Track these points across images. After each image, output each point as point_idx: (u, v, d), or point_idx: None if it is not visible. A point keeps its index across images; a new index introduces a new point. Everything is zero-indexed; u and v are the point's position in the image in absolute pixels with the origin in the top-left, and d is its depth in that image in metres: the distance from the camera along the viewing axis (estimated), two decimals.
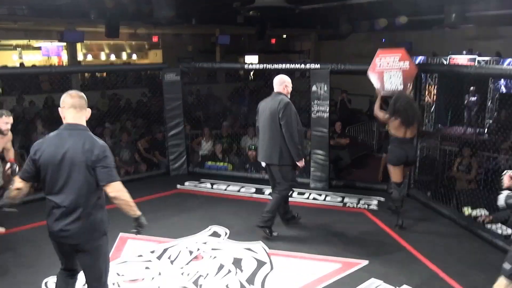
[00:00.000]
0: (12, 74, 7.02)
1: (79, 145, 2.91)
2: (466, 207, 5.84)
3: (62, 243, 3.03)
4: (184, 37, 18.36)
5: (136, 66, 14.60)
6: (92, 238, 3.01)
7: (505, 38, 14.14)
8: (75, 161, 2.89)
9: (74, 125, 3.01)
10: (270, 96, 5.22)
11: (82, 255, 3.04)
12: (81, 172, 2.90)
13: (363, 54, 17.49)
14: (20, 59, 17.14)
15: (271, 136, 5.03)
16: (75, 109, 3.02)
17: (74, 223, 2.93)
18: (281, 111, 4.91)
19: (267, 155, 5.11)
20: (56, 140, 2.96)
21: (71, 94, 3.05)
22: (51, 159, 2.91)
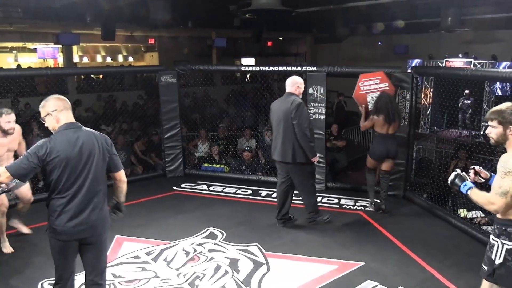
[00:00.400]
0: (8, 76, 6.98)
1: (91, 138, 3.09)
2: (462, 209, 5.85)
3: (71, 240, 3.05)
4: (181, 40, 18.37)
5: (132, 68, 14.55)
6: (104, 230, 3.17)
7: (501, 42, 14.24)
8: (93, 153, 3.07)
9: (74, 124, 3.14)
10: (282, 97, 5.41)
11: (89, 248, 3.12)
12: (99, 163, 3.10)
13: (359, 57, 17.62)
14: (16, 61, 17.10)
15: (284, 135, 5.22)
16: (67, 110, 3.15)
17: (91, 215, 3.06)
18: (293, 111, 5.10)
19: (282, 154, 5.29)
20: (66, 138, 3.03)
21: (59, 97, 3.19)
22: (69, 156, 2.98)
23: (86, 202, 3.04)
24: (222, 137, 8.95)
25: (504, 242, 2.83)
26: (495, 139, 2.93)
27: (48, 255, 4.64)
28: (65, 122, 3.10)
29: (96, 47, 19.58)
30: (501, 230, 2.86)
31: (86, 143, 3.05)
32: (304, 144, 5.13)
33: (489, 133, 2.96)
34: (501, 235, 2.85)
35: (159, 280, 4.23)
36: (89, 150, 3.05)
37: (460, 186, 3.02)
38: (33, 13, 10.87)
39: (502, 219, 2.87)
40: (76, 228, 3.02)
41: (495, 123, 2.89)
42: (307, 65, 10.91)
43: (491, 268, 2.92)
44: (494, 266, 2.89)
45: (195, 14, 12.81)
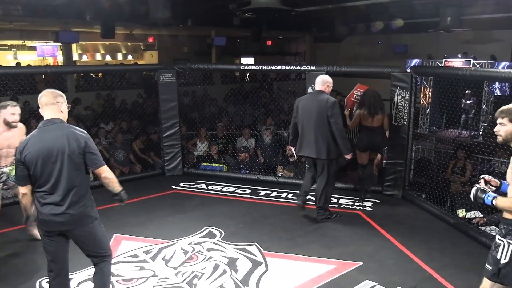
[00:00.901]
0: (7, 74, 6.97)
1: (63, 136, 3.11)
2: (460, 209, 5.86)
3: (53, 231, 3.20)
4: (180, 38, 18.34)
5: (131, 66, 14.54)
6: (85, 223, 3.22)
7: (500, 42, 14.25)
8: (62, 151, 3.08)
9: (50, 120, 3.19)
10: (310, 94, 5.69)
11: (76, 238, 3.26)
12: (70, 161, 3.11)
13: (358, 57, 17.63)
14: (15, 59, 17.07)
15: (318, 132, 5.36)
16: (51, 106, 3.21)
17: (67, 211, 3.13)
18: (329, 109, 5.28)
19: (316, 151, 5.43)
20: (39, 136, 3.14)
21: (43, 93, 3.26)
22: (40, 153, 3.08)
23: (63, 197, 3.12)
24: (221, 136, 8.94)
25: (511, 242, 2.84)
26: (504, 137, 2.96)
27: None
28: (45, 119, 3.20)
29: (95, 45, 19.55)
30: (508, 229, 2.87)
31: (56, 141, 3.09)
32: (341, 141, 5.35)
33: (497, 131, 2.99)
34: (508, 234, 2.86)
35: (157, 279, 4.23)
36: (58, 149, 3.08)
37: (484, 198, 2.98)
38: (33, 11, 10.85)
39: (509, 219, 2.88)
40: (56, 220, 3.14)
41: (505, 120, 2.93)
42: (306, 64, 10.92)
43: (496, 267, 2.91)
44: (500, 265, 2.89)
45: (194, 12, 12.80)
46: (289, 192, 6.84)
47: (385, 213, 6.06)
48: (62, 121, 3.23)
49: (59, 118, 3.22)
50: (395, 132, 6.53)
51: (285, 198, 6.63)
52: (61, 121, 3.22)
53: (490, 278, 2.98)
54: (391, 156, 6.63)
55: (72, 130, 3.19)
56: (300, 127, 5.54)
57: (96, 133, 8.49)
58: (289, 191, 6.88)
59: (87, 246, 3.31)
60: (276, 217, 5.86)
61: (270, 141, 8.70)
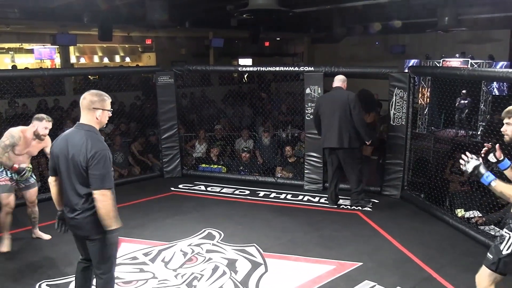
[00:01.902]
0: (4, 77, 6.96)
1: (82, 145, 3.04)
2: (459, 209, 5.86)
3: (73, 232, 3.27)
4: (178, 40, 18.35)
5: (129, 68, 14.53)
6: (93, 232, 3.13)
7: (498, 42, 14.29)
8: (75, 158, 3.05)
9: (81, 125, 3.16)
10: (332, 92, 6.18)
11: (86, 242, 3.22)
12: (75, 170, 3.07)
13: (356, 57, 17.65)
14: (13, 62, 17.06)
15: (341, 124, 5.89)
16: (84, 110, 3.17)
17: (78, 216, 3.12)
18: (352, 103, 5.87)
19: (339, 141, 5.91)
20: (66, 137, 3.16)
21: (85, 95, 3.19)
22: (60, 153, 3.13)
23: (70, 201, 3.14)
24: (219, 138, 8.94)
25: None
26: (511, 136, 3.10)
27: (46, 255, 4.66)
28: (80, 121, 3.20)
29: (93, 48, 19.53)
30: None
31: (73, 150, 3.06)
32: (362, 129, 5.91)
33: (504, 131, 3.12)
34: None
35: (157, 281, 4.22)
36: (72, 157, 3.05)
37: (484, 176, 2.96)
38: (30, 13, 10.83)
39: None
40: (70, 223, 3.22)
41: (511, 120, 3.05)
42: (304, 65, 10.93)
43: (497, 257, 3.03)
44: (501, 255, 3.01)
45: (192, 14, 12.80)
46: (288, 193, 6.85)
47: (384, 213, 6.06)
48: (92, 129, 3.13)
49: (89, 124, 3.14)
50: (393, 132, 6.54)
51: (284, 199, 6.64)
52: (91, 128, 3.12)
53: (489, 267, 3.09)
54: (390, 156, 6.64)
55: (93, 140, 3.06)
56: (325, 121, 6.03)
57: None
58: (288, 192, 6.89)
59: (93, 256, 3.22)
60: (275, 218, 5.87)
61: (269, 142, 8.71)
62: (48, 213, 5.58)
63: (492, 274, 3.09)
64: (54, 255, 4.71)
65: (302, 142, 7.90)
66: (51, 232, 5.12)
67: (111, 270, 3.29)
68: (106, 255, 3.21)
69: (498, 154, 3.20)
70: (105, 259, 3.22)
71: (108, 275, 3.26)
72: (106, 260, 3.23)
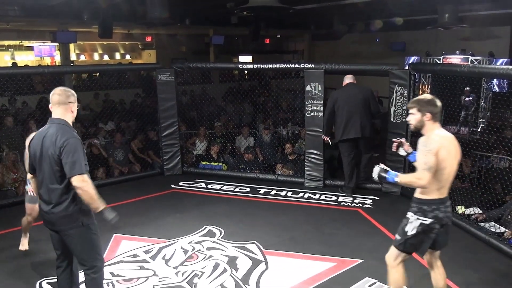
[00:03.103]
0: (4, 74, 6.95)
1: (53, 137, 3.11)
2: (460, 206, 5.86)
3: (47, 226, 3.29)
4: (178, 37, 18.30)
5: (129, 66, 14.50)
6: (69, 226, 3.17)
7: (498, 39, 14.25)
8: (48, 153, 3.11)
9: (53, 119, 3.22)
10: (347, 87, 6.62)
11: (64, 237, 3.24)
12: (50, 163, 3.11)
13: (357, 54, 17.61)
14: (13, 59, 17.03)
15: (362, 115, 6.39)
16: (59, 105, 3.22)
17: (51, 210, 3.16)
18: (371, 95, 6.58)
19: (361, 130, 6.41)
20: (40, 134, 3.22)
21: (56, 91, 3.27)
22: (35, 150, 3.20)
23: (47, 196, 3.18)
24: (220, 135, 8.94)
25: (419, 217, 3.26)
26: (414, 124, 3.31)
27: (46, 254, 4.66)
28: (52, 116, 3.23)
29: (93, 45, 19.49)
30: (419, 207, 3.28)
31: (45, 145, 3.12)
32: (379, 120, 6.94)
33: (409, 120, 3.35)
34: (418, 212, 3.28)
35: (158, 278, 4.23)
36: (45, 152, 3.12)
37: (387, 177, 3.34)
38: (30, 11, 10.81)
39: (420, 199, 3.28)
40: (44, 217, 3.25)
41: (415, 110, 3.29)
42: (304, 62, 10.91)
43: (404, 238, 3.34)
44: (407, 237, 3.32)
45: (192, 11, 12.76)
46: (288, 190, 6.85)
47: (384, 210, 6.07)
48: (63, 121, 3.19)
49: (63, 118, 3.21)
50: (394, 129, 6.54)
51: (285, 196, 6.64)
52: (63, 122, 3.19)
53: (397, 247, 3.40)
54: (391, 153, 6.63)
55: (64, 132, 3.12)
56: (345, 114, 6.41)
57: (94, 133, 8.47)
58: (289, 189, 6.89)
59: (73, 250, 3.27)
60: (275, 216, 5.87)
61: (269, 140, 8.70)
62: None
63: (399, 253, 3.39)
64: (54, 253, 4.70)
65: (303, 140, 7.89)
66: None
67: (97, 265, 3.27)
68: (86, 248, 3.23)
69: (406, 148, 3.61)
70: (87, 252, 3.23)
71: (93, 270, 3.25)
72: (88, 253, 3.24)
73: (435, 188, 3.22)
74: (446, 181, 3.25)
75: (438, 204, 3.25)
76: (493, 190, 5.93)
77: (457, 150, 3.30)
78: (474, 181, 6.72)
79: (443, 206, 3.28)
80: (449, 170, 3.22)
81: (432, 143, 3.14)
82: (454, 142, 3.28)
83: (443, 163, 3.16)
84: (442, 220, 3.28)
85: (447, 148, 3.18)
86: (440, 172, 3.17)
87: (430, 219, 3.25)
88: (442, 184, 3.24)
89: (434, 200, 3.24)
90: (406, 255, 3.39)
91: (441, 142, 3.17)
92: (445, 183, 3.25)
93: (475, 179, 6.78)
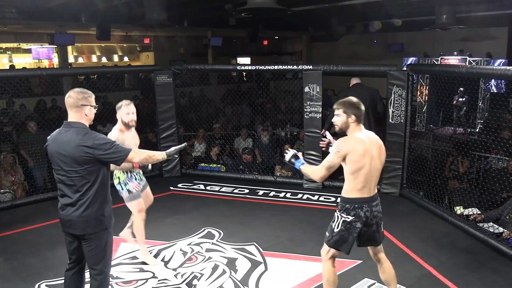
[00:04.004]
0: (2, 77, 6.94)
1: (75, 140, 3.04)
2: (458, 206, 5.87)
3: (64, 231, 3.21)
4: (176, 39, 18.33)
5: (127, 68, 14.50)
6: (91, 229, 3.13)
7: (496, 39, 14.29)
8: (72, 154, 3.03)
9: (70, 123, 3.15)
10: (355, 87, 6.73)
11: (83, 242, 3.18)
12: (78, 165, 3.04)
13: (355, 56, 17.65)
14: (10, 62, 17.02)
15: (369, 115, 6.36)
16: (70, 109, 3.16)
17: (73, 212, 3.10)
18: (379, 97, 6.77)
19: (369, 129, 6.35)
20: (56, 136, 3.16)
21: (70, 93, 3.19)
22: (53, 152, 3.12)
23: (65, 198, 3.12)
24: (218, 137, 8.95)
25: (342, 215, 3.40)
26: (339, 126, 3.42)
27: (45, 256, 4.66)
28: (68, 120, 3.18)
29: (91, 47, 19.50)
30: (342, 206, 3.43)
31: (66, 147, 3.05)
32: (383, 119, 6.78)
33: (335, 121, 3.46)
34: (341, 209, 3.42)
35: (157, 280, 4.23)
36: (68, 154, 3.04)
37: (295, 163, 3.54)
38: (28, 13, 10.81)
39: (343, 197, 3.44)
40: (62, 220, 3.17)
41: (340, 112, 3.40)
42: (303, 63, 10.92)
43: (331, 235, 3.48)
44: (333, 233, 3.46)
45: (190, 13, 12.78)
46: (287, 192, 6.85)
47: (383, 211, 6.00)
48: (80, 125, 3.12)
49: (78, 121, 3.14)
50: (392, 130, 6.55)
51: (284, 198, 6.64)
52: (80, 125, 3.12)
53: (327, 243, 3.53)
54: (389, 154, 6.63)
55: (82, 136, 3.06)
56: None
57: None
58: (287, 191, 6.89)
59: (88, 253, 3.21)
60: (274, 217, 5.87)
61: (268, 141, 8.71)
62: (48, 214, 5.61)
63: (329, 249, 3.53)
64: (53, 256, 4.71)
65: (301, 141, 7.90)
66: (49, 231, 5.13)
67: (106, 270, 3.27)
68: (101, 254, 3.20)
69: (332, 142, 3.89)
70: (101, 258, 3.21)
71: (103, 275, 3.24)
72: (101, 259, 3.21)
73: (356, 188, 3.36)
74: (367, 181, 3.36)
75: (361, 203, 3.37)
76: (492, 190, 5.95)
77: (381, 151, 3.45)
78: (472, 181, 6.74)
79: (366, 205, 3.39)
80: (367, 171, 3.33)
81: (343, 146, 3.30)
82: (376, 143, 3.43)
83: (357, 164, 3.30)
84: (364, 219, 3.39)
85: (362, 150, 3.29)
86: (356, 173, 3.32)
87: (351, 217, 3.38)
88: (363, 185, 3.35)
89: (356, 199, 3.38)
90: (336, 251, 3.53)
91: (354, 146, 3.30)
92: (366, 183, 3.36)
93: (474, 180, 6.80)
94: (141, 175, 4.61)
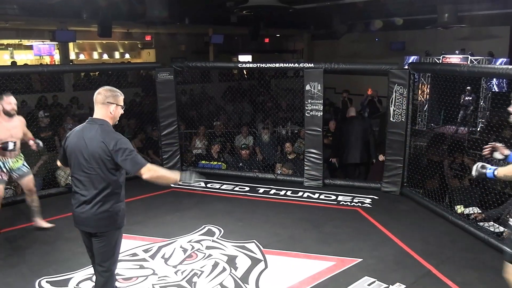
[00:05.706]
0: (3, 73, 6.94)
1: (98, 137, 3.07)
2: (459, 205, 5.87)
3: (79, 228, 3.24)
4: (178, 36, 18.30)
5: (128, 65, 14.49)
6: (104, 227, 3.15)
7: (497, 38, 14.25)
8: (94, 152, 3.05)
9: (94, 120, 3.17)
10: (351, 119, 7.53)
11: (94, 240, 3.22)
12: (97, 163, 3.07)
13: (356, 54, 17.61)
14: (12, 58, 17.01)
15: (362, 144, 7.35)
16: (97, 105, 3.19)
17: (87, 210, 3.11)
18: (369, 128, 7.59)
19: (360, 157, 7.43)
20: (79, 132, 3.16)
21: (99, 90, 3.22)
22: (75, 148, 3.13)
23: (81, 195, 3.13)
24: (219, 135, 8.94)
25: None
26: None
27: (45, 253, 4.67)
28: (93, 116, 3.20)
29: (92, 44, 19.47)
30: None
31: (88, 144, 3.07)
32: None
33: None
34: None
35: (157, 277, 4.23)
36: (88, 151, 3.07)
37: (486, 173, 3.21)
38: (29, 10, 10.81)
39: None
40: (76, 217, 3.19)
41: None
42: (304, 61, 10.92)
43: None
44: None
45: (192, 10, 12.77)
46: (287, 190, 6.85)
47: (384, 209, 6.07)
48: (104, 122, 3.15)
49: (102, 119, 3.16)
50: (393, 129, 6.54)
51: (284, 196, 6.64)
52: (103, 122, 3.15)
53: (510, 261, 3.14)
54: (390, 153, 6.64)
55: (107, 133, 3.10)
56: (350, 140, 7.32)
57: None
58: (288, 189, 6.89)
59: (98, 250, 3.22)
60: (275, 215, 5.87)
61: (269, 139, 8.70)
62: (50, 209, 5.61)
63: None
64: (53, 252, 4.72)
65: (302, 139, 7.89)
66: (49, 232, 5.14)
67: (113, 268, 3.29)
68: (110, 252, 3.22)
69: (502, 150, 3.38)
70: (109, 256, 3.22)
71: (109, 273, 3.26)
72: (110, 257, 3.23)
73: None
74: None
75: None
76: (492, 189, 5.94)
77: None
78: (473, 180, 6.72)
79: None
80: None
81: None
82: None
83: None
84: None
85: None
86: None
87: None
88: None
89: None
90: None
91: None
92: None
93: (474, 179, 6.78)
94: (12, 165, 4.93)
